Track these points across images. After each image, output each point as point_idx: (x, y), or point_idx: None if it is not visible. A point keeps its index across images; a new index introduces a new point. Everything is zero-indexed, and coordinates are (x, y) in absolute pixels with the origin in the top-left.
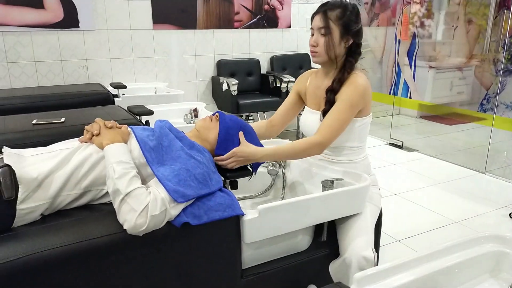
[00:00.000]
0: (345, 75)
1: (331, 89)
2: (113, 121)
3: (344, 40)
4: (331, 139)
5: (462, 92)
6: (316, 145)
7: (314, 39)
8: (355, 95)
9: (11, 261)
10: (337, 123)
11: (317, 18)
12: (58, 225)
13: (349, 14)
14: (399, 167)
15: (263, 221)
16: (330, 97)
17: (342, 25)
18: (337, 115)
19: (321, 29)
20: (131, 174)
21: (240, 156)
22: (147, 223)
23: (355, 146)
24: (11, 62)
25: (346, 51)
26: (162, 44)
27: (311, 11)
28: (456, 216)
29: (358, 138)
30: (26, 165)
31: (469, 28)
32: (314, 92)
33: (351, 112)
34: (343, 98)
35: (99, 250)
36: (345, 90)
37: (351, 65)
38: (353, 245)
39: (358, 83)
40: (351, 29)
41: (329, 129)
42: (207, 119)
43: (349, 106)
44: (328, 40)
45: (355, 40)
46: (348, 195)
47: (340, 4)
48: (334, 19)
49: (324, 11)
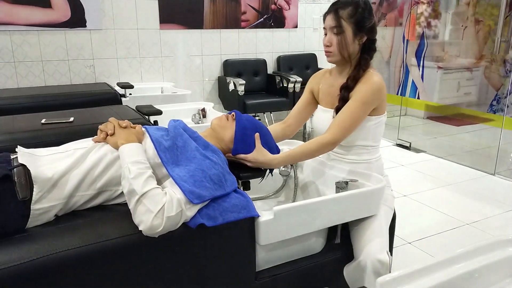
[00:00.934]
0: (360, 72)
1: (346, 87)
2: (127, 120)
3: (358, 37)
4: (342, 136)
5: (471, 93)
6: (327, 143)
7: (327, 39)
8: (369, 92)
9: (26, 262)
10: (348, 121)
11: (329, 18)
12: (72, 226)
13: (361, 11)
14: (407, 168)
15: (278, 223)
16: (344, 94)
17: (355, 23)
18: (349, 113)
19: (333, 29)
20: (146, 174)
21: (253, 163)
22: (163, 224)
23: (369, 145)
24: (18, 61)
25: (361, 48)
26: (169, 43)
27: (318, 11)
28: (467, 218)
29: (372, 137)
30: (40, 164)
31: (479, 28)
32: (327, 90)
33: (364, 110)
34: (357, 96)
35: (114, 251)
36: (359, 88)
37: (366, 62)
38: (368, 248)
39: (373, 80)
40: (364, 26)
41: (340, 126)
42: (223, 118)
43: (362, 104)
44: (341, 39)
45: (369, 36)
46: (364, 197)
47: (351, 1)
48: (346, 17)
49: (336, 10)
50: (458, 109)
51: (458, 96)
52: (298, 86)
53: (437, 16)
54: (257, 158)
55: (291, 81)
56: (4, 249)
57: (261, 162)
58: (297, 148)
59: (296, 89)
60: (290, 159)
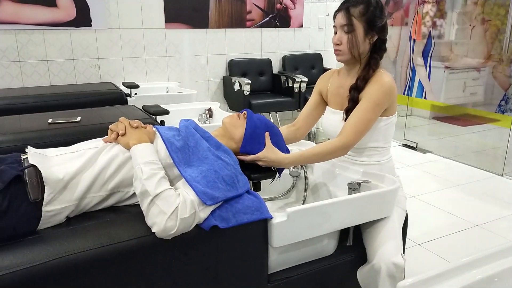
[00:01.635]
0: (370, 72)
1: (355, 87)
2: (138, 120)
3: (369, 36)
4: (355, 139)
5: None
6: (340, 147)
7: (337, 37)
8: (380, 93)
9: (38, 265)
10: (361, 123)
11: (340, 16)
12: (84, 228)
13: (372, 9)
14: (414, 169)
15: (292, 225)
16: (354, 95)
17: (366, 21)
18: (361, 115)
19: (344, 27)
20: (159, 175)
21: (264, 161)
22: (177, 226)
23: (379, 146)
24: (24, 60)
25: (371, 48)
26: (174, 43)
27: (324, 10)
28: (476, 219)
29: (383, 139)
30: (51, 165)
31: (486, 27)
32: (336, 91)
33: (376, 112)
34: (368, 97)
35: (127, 253)
36: (370, 89)
37: (376, 62)
38: (382, 251)
39: (383, 81)
40: (375, 25)
41: (353, 129)
42: (234, 116)
43: (374, 105)
44: (351, 38)
45: (380, 36)
46: (378, 198)
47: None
48: (357, 15)
49: (347, 7)
50: (464, 109)
51: (464, 96)
52: (304, 86)
53: (443, 16)
54: (268, 156)
55: (297, 80)
56: (16, 251)
57: (272, 160)
58: (309, 149)
59: (302, 89)
60: (301, 160)
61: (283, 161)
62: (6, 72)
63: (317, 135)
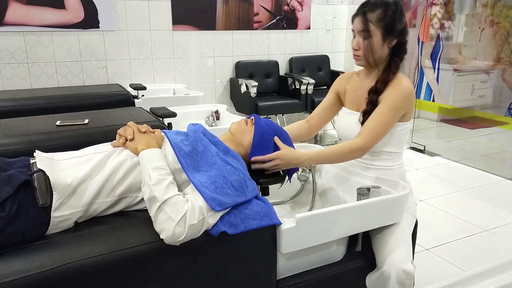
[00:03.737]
0: (390, 75)
1: (375, 90)
2: (146, 125)
3: (387, 41)
4: (373, 142)
5: (485, 96)
6: (358, 149)
7: (355, 42)
8: (400, 97)
9: (46, 270)
10: (379, 127)
11: (357, 20)
12: (92, 233)
13: (391, 13)
14: (422, 172)
15: (301, 231)
16: (373, 98)
17: (384, 26)
18: (380, 118)
19: (361, 33)
20: (167, 181)
21: (283, 159)
22: (185, 233)
23: (393, 152)
24: (32, 62)
25: (390, 51)
26: (181, 45)
27: (331, 12)
28: (485, 224)
29: (396, 144)
30: (59, 170)
31: (496, 30)
32: (354, 93)
33: (394, 116)
34: (387, 101)
35: (135, 259)
36: (389, 92)
37: (396, 65)
38: (392, 258)
39: (403, 85)
40: (394, 29)
41: (371, 132)
42: (242, 122)
43: (393, 109)
44: (367, 45)
45: (399, 39)
46: (388, 204)
47: (381, 2)
48: (374, 21)
49: (364, 12)
50: (473, 112)
51: (472, 99)
52: (311, 88)
53: (451, 18)
54: (285, 153)
55: (304, 83)
56: (24, 256)
57: (290, 158)
58: (326, 149)
59: (309, 91)
60: (318, 158)
61: (300, 158)
62: (14, 73)
63: (324, 138)
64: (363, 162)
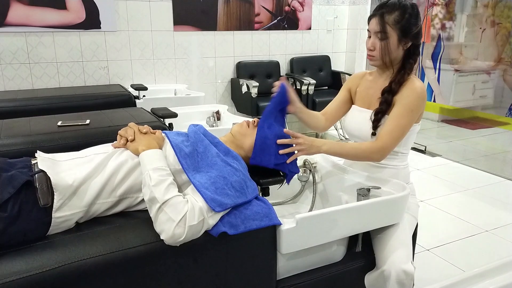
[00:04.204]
0: (405, 76)
1: (389, 90)
2: (147, 126)
3: (403, 43)
4: (392, 144)
5: (486, 96)
6: (376, 149)
7: (371, 42)
8: (414, 99)
9: (48, 270)
10: (398, 129)
11: (374, 21)
12: (93, 233)
13: (408, 16)
14: (423, 173)
15: (301, 231)
16: (387, 98)
17: (400, 29)
18: (397, 121)
19: (377, 34)
20: (168, 182)
21: (306, 139)
22: (185, 234)
23: (399, 152)
24: (33, 62)
25: (405, 53)
26: (183, 45)
27: (332, 13)
28: (486, 224)
29: (404, 144)
30: (60, 170)
31: (497, 30)
32: (366, 92)
33: (411, 118)
34: (403, 103)
35: (136, 259)
36: (404, 94)
37: (411, 66)
38: (392, 258)
39: (416, 86)
40: (410, 32)
41: (389, 135)
42: (243, 124)
43: (410, 111)
44: (384, 45)
45: (414, 42)
46: (388, 205)
47: (398, 5)
48: (391, 23)
49: (381, 14)
50: (474, 112)
51: (473, 99)
52: (312, 89)
53: (452, 18)
54: (306, 138)
55: (304, 83)
56: (25, 256)
57: (310, 143)
58: (348, 144)
59: (310, 92)
60: (339, 151)
61: (322, 146)
62: (16, 73)
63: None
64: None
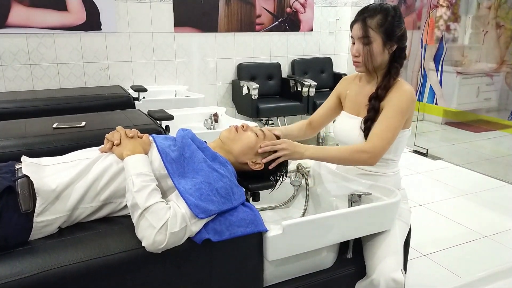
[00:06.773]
0: (391, 81)
1: (376, 96)
2: (135, 129)
3: (388, 47)
4: (384, 147)
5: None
6: (366, 150)
7: (355, 48)
8: (403, 101)
9: (28, 276)
10: (388, 132)
11: (356, 27)
12: (75, 239)
13: (390, 19)
14: (424, 176)
15: (288, 238)
16: (374, 104)
17: (384, 32)
18: (387, 123)
19: (361, 39)
20: (150, 188)
21: (289, 144)
22: (166, 241)
23: (389, 158)
24: (34, 64)
25: (390, 57)
26: (183, 47)
27: (334, 14)
28: (486, 230)
29: (394, 151)
30: (44, 175)
31: (500, 32)
32: (354, 98)
33: (401, 119)
34: (391, 105)
35: (117, 266)
36: (392, 97)
37: (396, 70)
38: (381, 266)
39: (406, 89)
40: (394, 35)
41: (380, 138)
42: (232, 130)
43: (399, 113)
44: (367, 51)
45: (399, 45)
46: (377, 211)
47: (380, 8)
48: (374, 27)
49: (364, 18)
50: (477, 115)
51: (477, 102)
52: (313, 91)
53: (456, 20)
54: (289, 143)
55: (306, 85)
56: (6, 262)
57: (295, 146)
58: (332, 148)
59: (311, 94)
60: (322, 156)
61: (305, 152)
62: (16, 74)
63: (326, 140)
64: (359, 167)
